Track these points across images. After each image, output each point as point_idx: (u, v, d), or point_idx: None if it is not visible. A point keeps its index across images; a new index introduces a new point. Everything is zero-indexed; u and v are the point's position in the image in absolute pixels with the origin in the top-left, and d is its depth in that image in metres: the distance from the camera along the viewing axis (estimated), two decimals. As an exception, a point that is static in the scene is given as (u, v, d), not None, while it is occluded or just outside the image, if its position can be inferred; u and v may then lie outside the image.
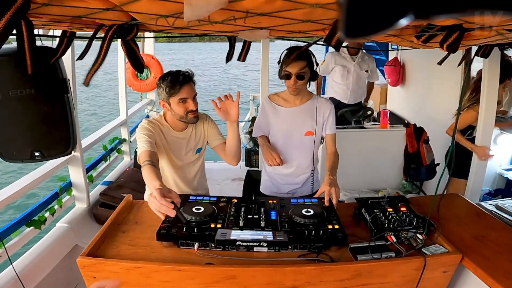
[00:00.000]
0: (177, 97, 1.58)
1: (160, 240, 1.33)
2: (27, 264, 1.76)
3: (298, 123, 1.84)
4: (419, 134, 2.77)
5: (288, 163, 1.88)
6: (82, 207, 2.38)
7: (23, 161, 1.61)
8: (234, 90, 17.16)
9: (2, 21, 0.72)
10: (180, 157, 1.74)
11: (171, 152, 1.70)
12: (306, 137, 1.85)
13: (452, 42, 1.08)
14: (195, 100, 1.64)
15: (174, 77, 1.57)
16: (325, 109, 1.85)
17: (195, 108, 1.62)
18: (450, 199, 1.73)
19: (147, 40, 4.14)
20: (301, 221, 1.40)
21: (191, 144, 1.76)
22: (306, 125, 1.84)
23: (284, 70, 1.71)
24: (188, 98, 1.60)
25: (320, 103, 1.84)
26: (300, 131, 1.85)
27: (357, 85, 3.55)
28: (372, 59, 3.57)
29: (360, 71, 3.50)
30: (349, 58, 3.46)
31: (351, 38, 0.30)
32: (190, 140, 1.75)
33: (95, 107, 12.58)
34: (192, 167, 1.80)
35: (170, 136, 1.70)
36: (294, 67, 1.68)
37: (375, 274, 1.24)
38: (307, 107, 1.84)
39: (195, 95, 1.63)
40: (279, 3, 0.76)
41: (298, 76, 1.69)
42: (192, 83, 1.63)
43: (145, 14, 0.88)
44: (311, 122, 1.84)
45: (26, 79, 1.45)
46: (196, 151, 1.78)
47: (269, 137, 1.93)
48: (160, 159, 1.66)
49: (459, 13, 0.29)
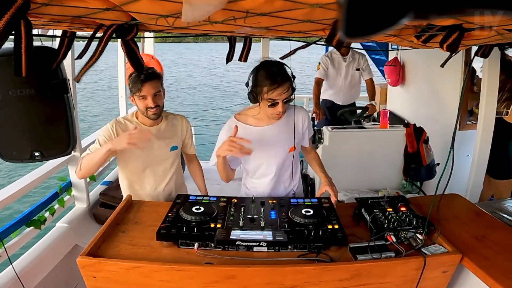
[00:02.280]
0: (138, 94, 1.63)
1: (160, 240, 1.33)
2: (27, 264, 1.76)
3: (280, 140, 1.62)
4: (419, 134, 2.77)
5: (281, 179, 1.72)
6: (82, 207, 2.38)
7: (23, 161, 1.61)
8: (223, 89, 16.76)
9: (2, 21, 0.72)
10: (151, 152, 1.74)
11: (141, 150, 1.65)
12: (291, 154, 1.66)
13: (452, 42, 1.08)
14: (156, 98, 1.66)
15: (137, 75, 1.62)
16: (304, 119, 1.67)
17: (154, 105, 1.65)
18: (450, 199, 1.73)
19: (147, 40, 4.13)
20: (300, 221, 1.40)
21: (163, 141, 1.77)
22: (289, 141, 1.63)
23: (268, 99, 1.46)
24: (147, 95, 1.63)
25: (298, 114, 1.65)
26: (284, 148, 1.64)
27: (350, 85, 3.55)
28: (362, 56, 3.55)
29: (352, 71, 3.50)
30: (341, 59, 3.45)
31: (351, 38, 0.30)
32: (161, 136, 1.76)
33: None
34: (166, 164, 1.81)
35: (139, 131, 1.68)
36: (280, 93, 1.45)
37: (375, 274, 1.24)
38: (286, 121, 1.63)
39: (155, 92, 1.65)
40: (279, 3, 0.76)
41: (286, 100, 1.49)
42: (154, 81, 1.64)
43: (145, 14, 0.88)
44: (294, 136, 1.63)
45: (26, 79, 1.45)
46: (171, 148, 1.80)
47: (245, 164, 1.71)
48: (129, 162, 1.74)
49: (459, 13, 0.29)
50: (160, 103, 1.68)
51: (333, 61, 3.46)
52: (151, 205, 1.69)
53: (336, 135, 2.68)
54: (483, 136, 2.19)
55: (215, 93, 15.44)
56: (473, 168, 2.25)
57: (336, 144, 2.67)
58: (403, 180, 2.94)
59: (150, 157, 1.75)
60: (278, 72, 1.45)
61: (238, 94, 14.04)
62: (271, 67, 1.47)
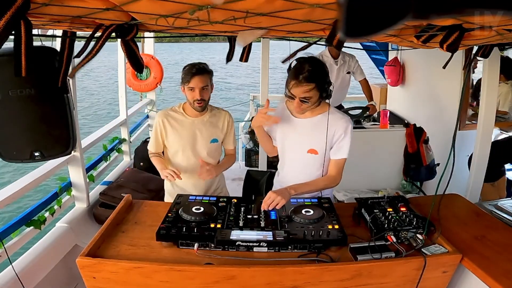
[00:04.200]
0: (188, 85, 1.74)
1: (159, 240, 1.33)
2: (27, 264, 1.75)
3: (304, 137, 1.62)
4: (419, 134, 2.77)
5: (292, 180, 1.64)
6: (82, 207, 2.38)
7: (23, 161, 1.61)
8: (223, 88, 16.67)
9: (2, 21, 0.72)
10: (195, 141, 1.85)
11: (184, 137, 1.84)
12: (309, 155, 1.63)
13: (452, 42, 1.08)
14: (203, 91, 1.75)
15: (190, 67, 1.74)
16: (338, 128, 1.58)
17: (200, 98, 1.75)
18: (450, 199, 1.73)
19: (147, 40, 4.13)
20: (301, 221, 1.40)
21: (206, 132, 1.86)
22: (311, 142, 1.61)
23: (288, 90, 1.50)
24: (195, 88, 1.73)
25: (332, 120, 1.57)
26: (303, 147, 1.63)
27: (340, 88, 3.53)
28: (352, 58, 3.51)
29: (343, 74, 3.48)
30: (332, 62, 3.42)
31: (351, 38, 0.30)
32: (204, 128, 1.86)
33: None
34: (210, 153, 1.89)
35: (183, 122, 1.85)
36: (298, 90, 1.47)
37: (375, 274, 1.24)
38: (317, 122, 1.60)
39: (203, 86, 1.75)
40: (279, 3, 0.76)
41: (302, 100, 1.49)
42: (204, 76, 1.74)
43: (145, 14, 0.88)
44: (319, 140, 1.59)
45: (26, 79, 1.45)
46: (211, 140, 1.88)
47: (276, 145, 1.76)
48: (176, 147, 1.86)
49: (459, 13, 0.29)
50: (206, 97, 1.78)
51: (325, 64, 3.44)
52: (151, 205, 1.69)
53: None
54: (483, 136, 2.19)
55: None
56: (473, 168, 2.24)
57: (342, 171, 2.67)
58: (403, 180, 2.94)
59: (191, 146, 1.86)
60: (303, 71, 1.46)
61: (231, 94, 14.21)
62: (301, 64, 1.49)
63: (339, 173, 1.65)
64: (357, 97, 3.95)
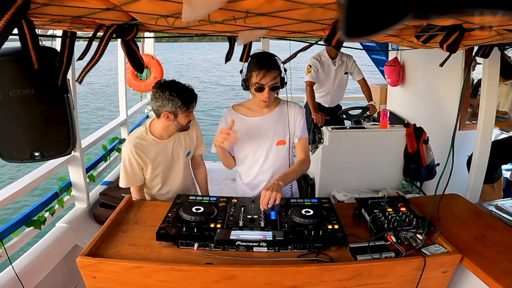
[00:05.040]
0: (187, 112, 1.68)
1: (159, 240, 1.33)
2: (27, 264, 1.75)
3: (268, 132, 1.70)
4: (419, 134, 2.76)
5: (264, 175, 1.75)
6: (82, 207, 2.38)
7: (23, 161, 1.61)
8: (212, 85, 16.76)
9: (2, 20, 0.72)
10: (169, 162, 1.82)
11: (160, 161, 1.78)
12: (279, 147, 1.72)
13: (452, 42, 1.08)
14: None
15: (190, 96, 1.67)
16: (296, 115, 1.71)
17: (193, 117, 1.76)
18: (450, 199, 1.73)
19: (147, 40, 4.14)
20: (300, 221, 1.40)
21: (180, 149, 1.84)
22: (277, 134, 1.71)
23: (255, 83, 1.56)
24: (192, 113, 1.73)
25: (291, 109, 1.70)
26: (271, 140, 1.71)
27: (338, 89, 3.53)
28: (350, 58, 3.51)
29: (341, 74, 3.47)
30: (330, 62, 3.42)
31: (351, 38, 0.30)
32: (178, 145, 1.83)
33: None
34: (183, 168, 1.88)
35: (156, 148, 1.76)
36: (267, 78, 1.54)
37: (375, 274, 1.24)
38: (276, 114, 1.71)
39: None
40: (279, 3, 0.76)
41: (273, 87, 1.57)
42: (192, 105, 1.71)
43: (145, 14, 0.88)
44: (283, 130, 1.70)
45: (26, 79, 1.45)
46: (187, 154, 1.88)
47: (236, 153, 1.79)
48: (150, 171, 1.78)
49: (459, 13, 0.29)
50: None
51: (323, 64, 3.43)
52: (151, 205, 1.69)
53: (336, 135, 2.68)
54: (483, 136, 2.19)
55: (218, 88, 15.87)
56: (473, 168, 2.24)
57: (336, 144, 2.67)
58: (403, 180, 2.93)
59: (168, 165, 1.82)
60: (267, 60, 1.56)
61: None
62: (262, 55, 1.59)
63: (307, 154, 1.76)
64: (358, 97, 3.95)
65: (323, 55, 3.42)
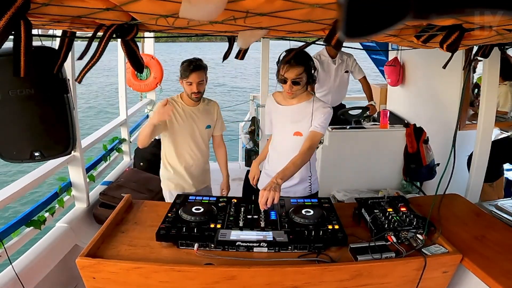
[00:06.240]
0: (186, 80, 1.93)
1: (159, 240, 1.33)
2: (27, 264, 1.75)
3: (290, 122, 1.82)
4: (419, 134, 2.76)
5: (282, 161, 1.73)
6: (82, 207, 2.38)
7: (23, 161, 1.61)
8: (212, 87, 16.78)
9: (2, 21, 0.72)
10: (193, 126, 2.05)
11: (186, 121, 2.03)
12: (295, 137, 1.80)
13: (452, 42, 1.08)
14: (200, 85, 1.96)
15: (188, 64, 1.93)
16: (320, 113, 1.76)
17: (197, 91, 1.96)
18: (450, 199, 1.73)
19: (147, 40, 4.13)
20: (301, 221, 1.40)
21: (202, 119, 2.08)
22: (296, 125, 1.80)
23: (281, 75, 1.69)
24: (193, 82, 1.93)
25: (316, 106, 1.76)
26: (290, 130, 1.82)
27: (339, 88, 3.51)
28: (350, 57, 3.48)
29: (341, 73, 3.46)
30: (330, 61, 3.40)
31: (351, 38, 0.30)
32: (200, 115, 2.07)
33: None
34: (204, 137, 2.11)
35: (183, 109, 2.03)
36: (290, 73, 1.66)
37: (375, 274, 1.24)
38: (302, 108, 1.79)
39: (200, 81, 1.94)
40: (279, 3, 0.76)
41: (294, 82, 1.68)
42: (200, 71, 1.93)
43: (145, 14, 0.88)
44: (303, 123, 1.77)
45: (26, 79, 1.45)
46: (207, 126, 2.11)
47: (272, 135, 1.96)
48: (176, 131, 2.02)
49: (459, 13, 0.29)
50: (201, 89, 1.98)
51: (323, 63, 3.41)
52: (150, 205, 1.69)
53: (336, 135, 2.68)
54: (483, 136, 2.19)
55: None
56: (473, 168, 2.24)
57: (336, 144, 2.67)
58: (403, 180, 2.93)
59: (189, 131, 2.04)
60: (295, 55, 1.64)
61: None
62: (292, 51, 1.67)
63: (311, 145, 1.70)
64: (358, 97, 3.94)
65: (323, 54, 3.41)
